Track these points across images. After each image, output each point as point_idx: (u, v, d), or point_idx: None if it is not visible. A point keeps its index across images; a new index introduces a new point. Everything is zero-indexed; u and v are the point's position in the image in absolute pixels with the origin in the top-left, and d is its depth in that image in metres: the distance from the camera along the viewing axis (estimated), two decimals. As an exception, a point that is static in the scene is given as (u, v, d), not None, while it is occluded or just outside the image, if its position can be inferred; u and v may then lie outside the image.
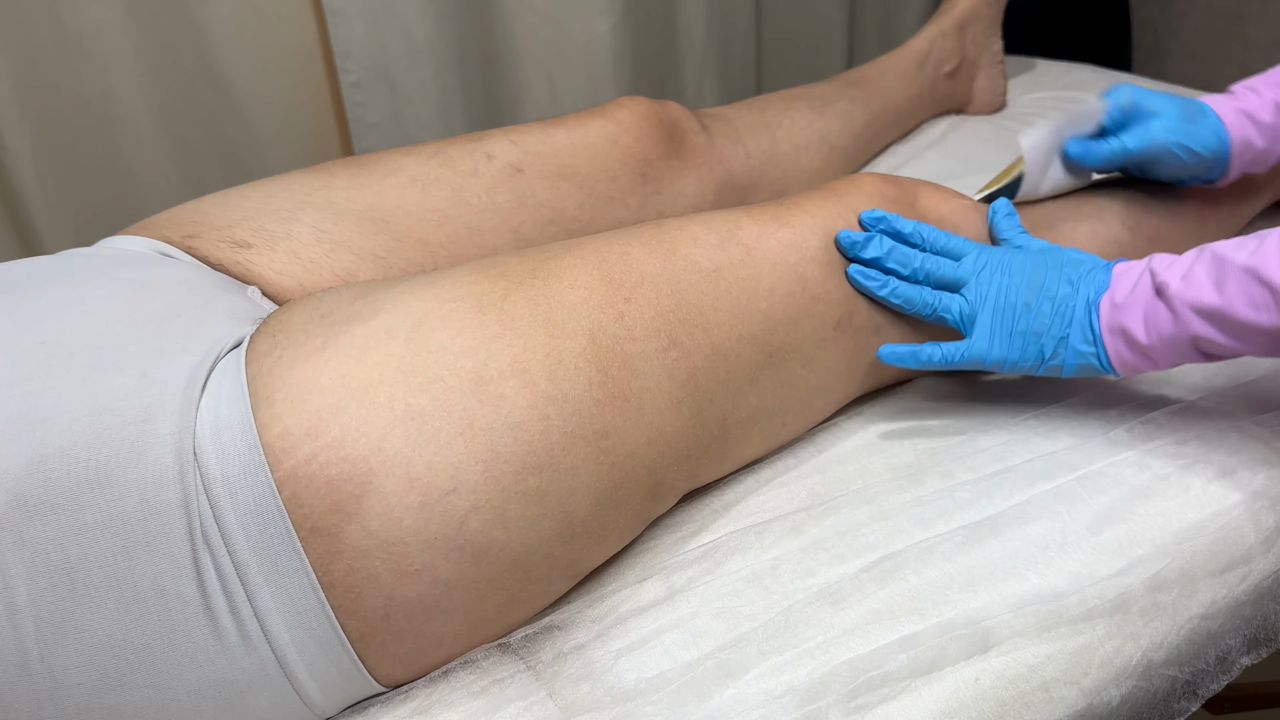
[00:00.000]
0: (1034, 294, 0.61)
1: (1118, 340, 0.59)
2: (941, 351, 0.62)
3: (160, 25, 1.10)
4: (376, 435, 0.48)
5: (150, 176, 1.17)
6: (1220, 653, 0.57)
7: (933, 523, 0.60)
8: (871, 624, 0.54)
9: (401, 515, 0.48)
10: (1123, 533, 0.58)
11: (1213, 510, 0.59)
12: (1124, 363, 0.60)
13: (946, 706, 0.50)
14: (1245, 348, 0.56)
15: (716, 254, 0.60)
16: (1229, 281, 0.54)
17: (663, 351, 0.56)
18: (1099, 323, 0.60)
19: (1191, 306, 0.55)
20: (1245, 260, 0.54)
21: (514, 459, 0.50)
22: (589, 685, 0.52)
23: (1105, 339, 0.59)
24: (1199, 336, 0.56)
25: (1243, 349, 0.56)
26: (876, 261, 0.64)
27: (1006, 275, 0.62)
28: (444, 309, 0.53)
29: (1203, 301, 0.55)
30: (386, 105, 1.24)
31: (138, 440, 0.46)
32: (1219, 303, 0.54)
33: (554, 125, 0.80)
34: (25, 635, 0.44)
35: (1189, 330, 0.56)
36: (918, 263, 0.64)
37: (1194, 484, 0.61)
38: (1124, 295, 0.59)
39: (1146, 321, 0.57)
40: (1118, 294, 0.59)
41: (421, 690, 0.53)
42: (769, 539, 0.60)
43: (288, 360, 0.50)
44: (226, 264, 0.64)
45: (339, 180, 0.71)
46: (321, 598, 0.48)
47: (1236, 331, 0.55)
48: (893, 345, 0.64)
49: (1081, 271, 0.62)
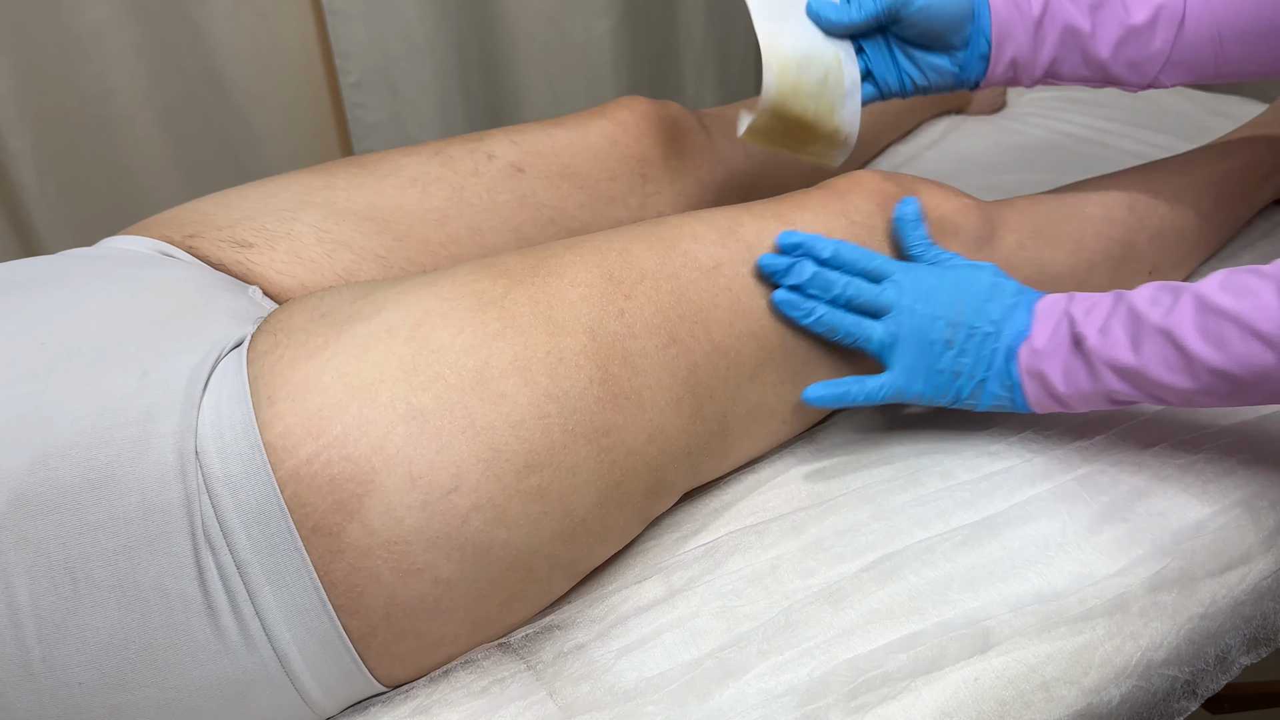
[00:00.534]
0: (954, 330, 0.60)
1: (1036, 384, 0.59)
2: (865, 391, 0.60)
3: (160, 25, 1.10)
4: (378, 434, 0.48)
5: (150, 176, 1.17)
6: (1220, 652, 0.57)
7: (932, 522, 0.60)
8: (871, 624, 0.54)
9: (403, 514, 0.48)
10: (1122, 532, 0.58)
11: (1212, 510, 0.59)
12: (1042, 404, 0.60)
13: (947, 706, 0.50)
14: (1159, 403, 0.57)
15: (717, 250, 0.60)
16: (1145, 342, 0.54)
17: (663, 348, 0.56)
18: (1018, 369, 0.59)
19: (1108, 364, 0.55)
20: (1160, 321, 0.53)
21: (515, 457, 0.50)
22: (589, 685, 0.52)
23: (1024, 383, 0.59)
24: (1114, 391, 0.56)
25: (1157, 404, 0.57)
26: (800, 288, 0.61)
27: (928, 304, 0.60)
28: (445, 307, 0.53)
29: (1119, 360, 0.55)
30: (386, 106, 1.24)
31: (139, 440, 0.46)
32: (1135, 363, 0.54)
33: (554, 125, 0.80)
34: (27, 635, 0.44)
35: (1105, 386, 0.56)
36: (839, 288, 0.61)
37: (1194, 484, 0.61)
38: (1044, 341, 0.58)
39: (1065, 373, 0.57)
40: (1037, 339, 0.58)
41: (422, 690, 0.53)
42: (769, 538, 0.60)
43: (289, 359, 0.50)
44: (227, 264, 0.64)
45: (340, 180, 0.71)
46: (323, 597, 0.48)
47: (1151, 390, 0.55)
48: (818, 387, 0.61)
49: (1004, 308, 0.60)
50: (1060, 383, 0.57)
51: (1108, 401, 0.57)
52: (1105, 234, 0.74)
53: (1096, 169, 0.85)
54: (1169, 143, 1.07)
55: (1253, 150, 0.85)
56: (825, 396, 0.61)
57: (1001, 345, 0.60)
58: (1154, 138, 1.10)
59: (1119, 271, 0.75)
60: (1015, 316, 0.60)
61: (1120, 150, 1.10)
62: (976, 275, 0.62)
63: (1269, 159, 0.85)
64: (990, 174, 1.06)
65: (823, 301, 0.61)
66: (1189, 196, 0.79)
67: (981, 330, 0.60)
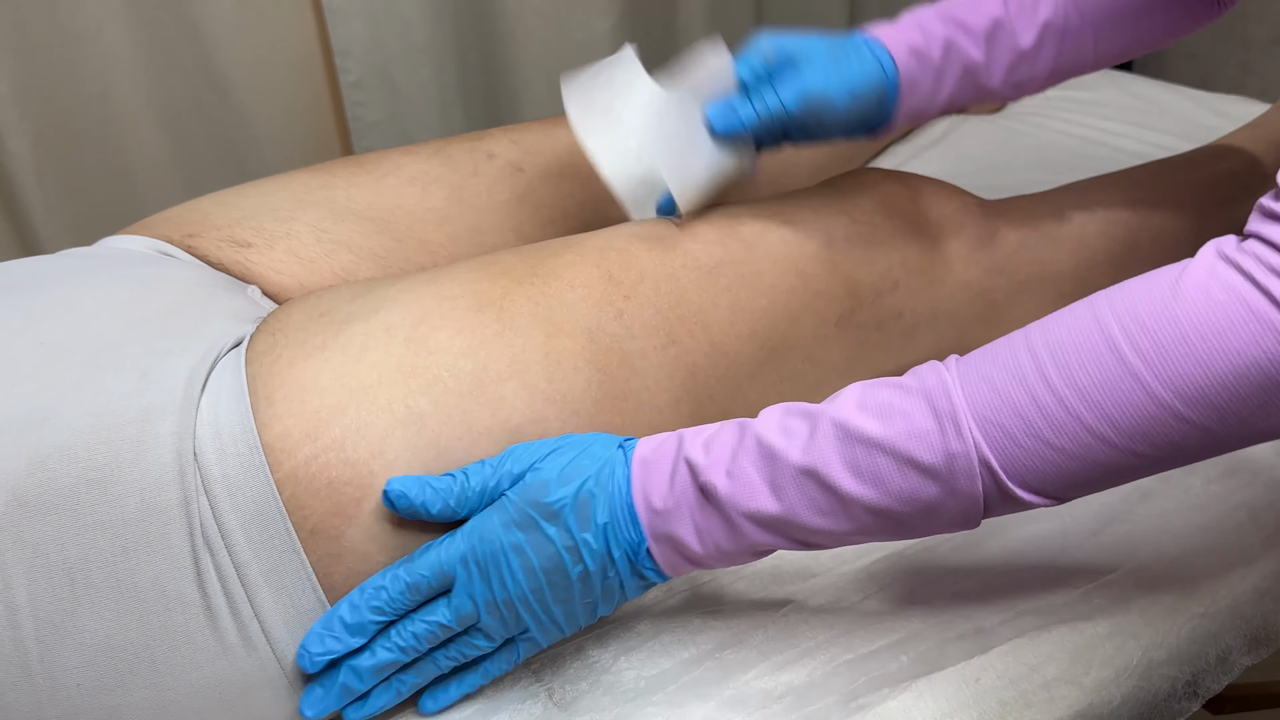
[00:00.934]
0: (562, 587, 0.47)
1: (666, 549, 0.48)
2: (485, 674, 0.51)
3: (160, 25, 1.10)
4: (377, 438, 0.48)
5: (150, 176, 1.17)
6: (1220, 652, 0.57)
7: (933, 522, 0.59)
8: (872, 624, 0.53)
9: (402, 519, 0.48)
10: (1123, 532, 0.58)
11: (1213, 511, 0.59)
12: (676, 568, 0.49)
13: (947, 706, 0.50)
14: (808, 549, 0.48)
15: (716, 250, 0.60)
16: (788, 487, 0.45)
17: (662, 349, 0.56)
18: (648, 562, 0.48)
19: (748, 516, 0.46)
20: (800, 460, 0.45)
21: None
22: (588, 685, 0.52)
23: (654, 551, 0.48)
24: (759, 544, 0.47)
25: (805, 549, 0.49)
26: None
27: (509, 581, 0.47)
28: (443, 307, 0.53)
29: (761, 510, 0.46)
30: (386, 105, 1.24)
31: (138, 440, 0.46)
32: (780, 510, 0.45)
33: (554, 124, 0.79)
34: (25, 636, 0.44)
35: (750, 540, 0.47)
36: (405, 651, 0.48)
37: (1194, 484, 0.61)
38: (662, 498, 0.47)
39: (698, 533, 0.47)
40: (654, 497, 0.47)
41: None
42: (769, 539, 0.60)
43: (287, 360, 0.50)
44: (226, 263, 0.64)
45: (339, 180, 0.71)
46: (322, 599, 0.48)
47: (803, 537, 0.47)
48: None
49: (596, 526, 0.47)
50: (695, 543, 0.47)
51: (752, 555, 0.48)
52: (1107, 233, 0.74)
53: (1096, 169, 0.85)
54: (1169, 142, 1.07)
55: (1255, 149, 0.85)
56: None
57: (621, 567, 0.48)
58: (1154, 137, 1.10)
59: (1120, 271, 0.74)
60: (618, 530, 0.47)
61: (1120, 150, 1.09)
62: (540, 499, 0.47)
63: (1271, 158, 0.85)
64: (990, 174, 1.06)
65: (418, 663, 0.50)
66: (1191, 196, 0.79)
67: (592, 566, 0.47)
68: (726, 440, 0.47)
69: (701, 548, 0.47)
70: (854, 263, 0.64)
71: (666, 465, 0.48)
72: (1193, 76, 1.68)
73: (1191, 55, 1.71)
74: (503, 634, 0.49)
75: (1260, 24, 1.60)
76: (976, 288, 0.69)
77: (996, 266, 0.69)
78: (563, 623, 0.49)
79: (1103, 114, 1.18)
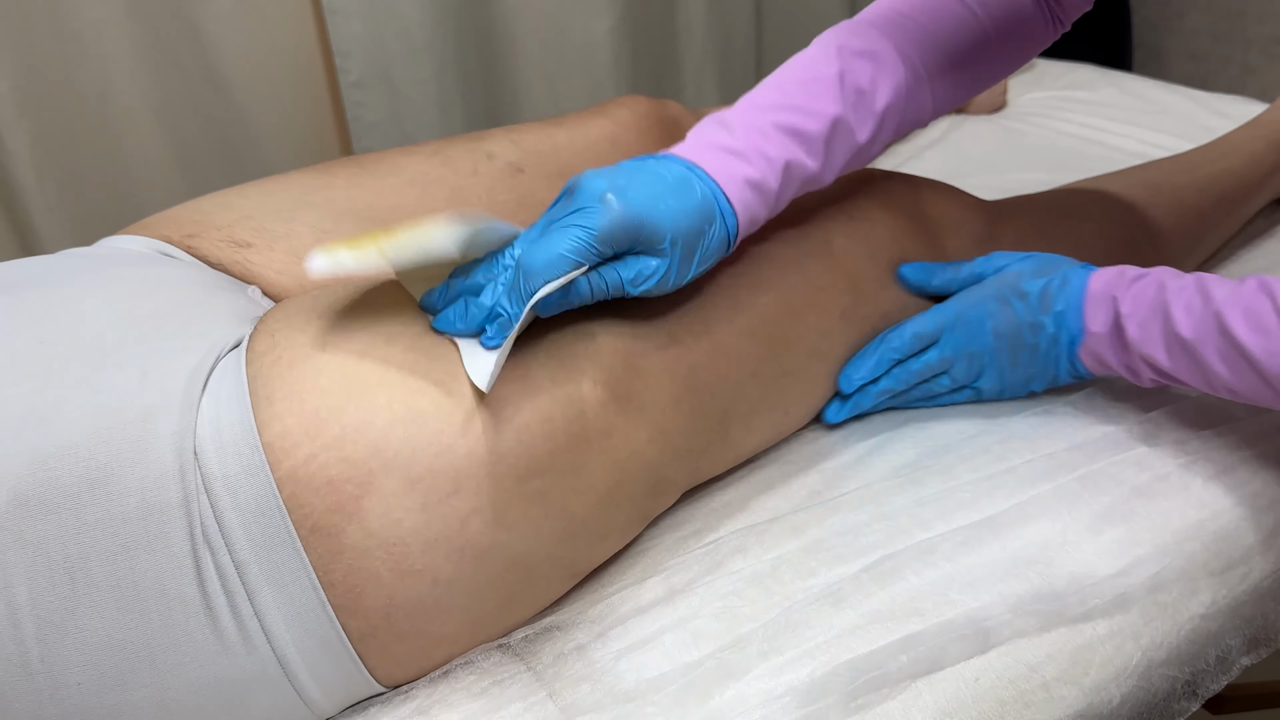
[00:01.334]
0: (1015, 351, 0.64)
1: (1090, 360, 0.63)
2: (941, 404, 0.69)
3: (160, 25, 1.10)
4: (377, 436, 0.48)
5: (150, 176, 1.17)
6: (1220, 653, 0.57)
7: (933, 523, 0.59)
8: (872, 624, 0.53)
9: (402, 516, 0.48)
10: (1123, 533, 0.58)
11: (1213, 510, 0.59)
12: (1096, 372, 0.63)
13: (947, 706, 0.50)
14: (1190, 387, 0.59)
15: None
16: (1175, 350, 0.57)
17: (662, 348, 0.56)
18: (1083, 366, 0.63)
19: (1143, 358, 0.58)
20: (1189, 335, 0.55)
21: (516, 461, 0.50)
22: (589, 686, 0.52)
23: (1090, 368, 0.63)
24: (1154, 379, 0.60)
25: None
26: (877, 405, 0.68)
27: (982, 337, 0.64)
28: (444, 308, 0.53)
29: (1154, 358, 0.58)
30: (386, 105, 1.24)
31: (138, 440, 0.46)
32: (1169, 365, 0.57)
33: (554, 125, 0.80)
34: (26, 635, 0.44)
35: (1146, 376, 0.60)
36: (902, 382, 0.66)
37: (1194, 483, 0.60)
38: (1099, 325, 0.61)
39: (1114, 353, 0.60)
40: (1092, 323, 0.61)
41: (422, 690, 0.53)
42: (770, 539, 0.60)
43: (287, 360, 0.50)
44: (226, 263, 0.64)
45: (339, 180, 0.71)
46: (322, 597, 0.48)
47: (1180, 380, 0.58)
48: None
49: (1054, 313, 0.62)
50: (1113, 360, 0.61)
51: (1149, 383, 0.61)
52: (1106, 233, 0.74)
53: (1096, 169, 0.85)
54: (1169, 142, 1.07)
55: (1253, 150, 0.85)
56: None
57: (1064, 350, 0.63)
58: (1154, 137, 1.11)
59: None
60: (1067, 320, 0.62)
61: (1120, 150, 1.10)
62: (1012, 277, 0.64)
63: (1270, 159, 0.85)
64: (990, 174, 1.06)
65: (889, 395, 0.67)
66: (1189, 196, 0.79)
67: (1041, 341, 0.63)
68: (1145, 296, 0.58)
69: (1116, 363, 0.61)
70: (854, 259, 0.64)
71: (1103, 300, 0.60)
72: (1193, 76, 1.68)
73: (1191, 55, 1.72)
74: (961, 380, 0.66)
75: (1260, 24, 1.60)
76: (976, 286, 0.69)
77: (996, 266, 0.70)
78: (1005, 380, 0.65)
79: (1103, 114, 1.18)
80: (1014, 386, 0.66)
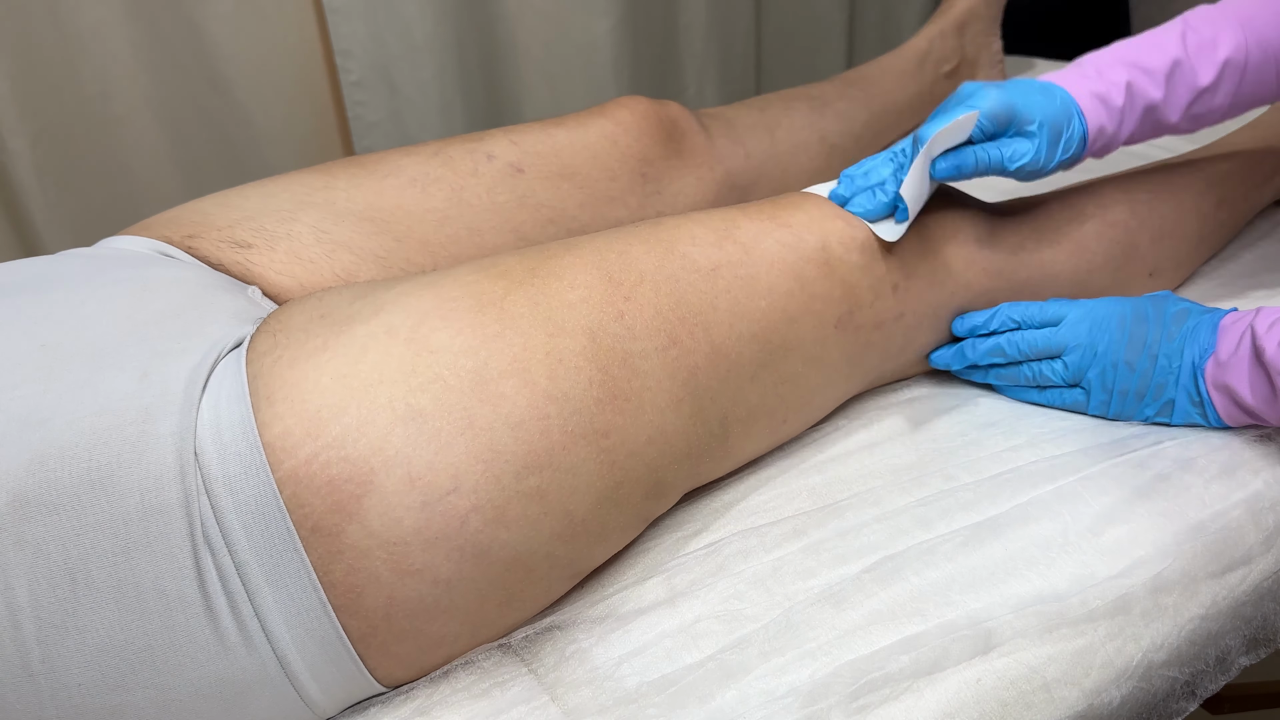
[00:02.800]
0: (1135, 352, 0.64)
1: (1224, 398, 0.62)
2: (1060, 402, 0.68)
3: (160, 25, 1.10)
4: (377, 435, 0.48)
5: (150, 176, 1.17)
6: (1220, 653, 0.57)
7: (934, 524, 0.60)
8: (873, 625, 0.53)
9: (402, 515, 0.48)
10: (1124, 533, 0.58)
11: (1213, 511, 0.59)
12: (1232, 418, 0.62)
13: (948, 707, 0.50)
14: None
15: (714, 253, 0.60)
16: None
17: (662, 350, 0.56)
18: (1205, 384, 0.62)
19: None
20: None
21: (514, 458, 0.50)
22: (591, 689, 0.52)
23: (1213, 397, 0.62)
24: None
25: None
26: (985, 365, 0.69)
27: (1107, 333, 0.65)
28: (444, 308, 0.53)
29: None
30: (386, 105, 1.24)
31: (138, 440, 0.46)
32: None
33: (554, 125, 0.80)
34: (26, 636, 0.44)
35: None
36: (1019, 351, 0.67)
37: (1195, 484, 0.61)
38: (1228, 354, 0.61)
39: (1251, 384, 0.59)
40: (1222, 352, 0.61)
41: (422, 691, 0.53)
42: (771, 540, 0.60)
43: (288, 360, 0.50)
44: (227, 264, 0.64)
45: (339, 180, 0.71)
46: (323, 597, 0.48)
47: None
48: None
49: (1185, 329, 0.63)
50: (1247, 394, 0.59)
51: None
52: (1106, 235, 0.74)
53: (1097, 169, 0.85)
54: (1169, 143, 1.07)
55: (1254, 151, 0.85)
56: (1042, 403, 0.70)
57: (1186, 362, 0.63)
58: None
59: (1120, 273, 0.75)
60: (1199, 334, 0.63)
61: (1120, 150, 1.09)
62: (1159, 300, 0.66)
63: (1270, 160, 0.85)
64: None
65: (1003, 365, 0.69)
66: (1190, 197, 0.79)
67: (1164, 349, 0.64)
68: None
69: (1252, 399, 0.59)
70: (850, 267, 0.64)
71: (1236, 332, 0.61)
72: (1192, 77, 1.68)
73: (1191, 55, 1.71)
74: (1071, 376, 0.66)
75: (1260, 24, 1.59)
76: (976, 288, 0.69)
77: (995, 268, 0.69)
78: (1113, 394, 0.65)
79: (1103, 114, 1.17)
80: (1125, 399, 0.65)
